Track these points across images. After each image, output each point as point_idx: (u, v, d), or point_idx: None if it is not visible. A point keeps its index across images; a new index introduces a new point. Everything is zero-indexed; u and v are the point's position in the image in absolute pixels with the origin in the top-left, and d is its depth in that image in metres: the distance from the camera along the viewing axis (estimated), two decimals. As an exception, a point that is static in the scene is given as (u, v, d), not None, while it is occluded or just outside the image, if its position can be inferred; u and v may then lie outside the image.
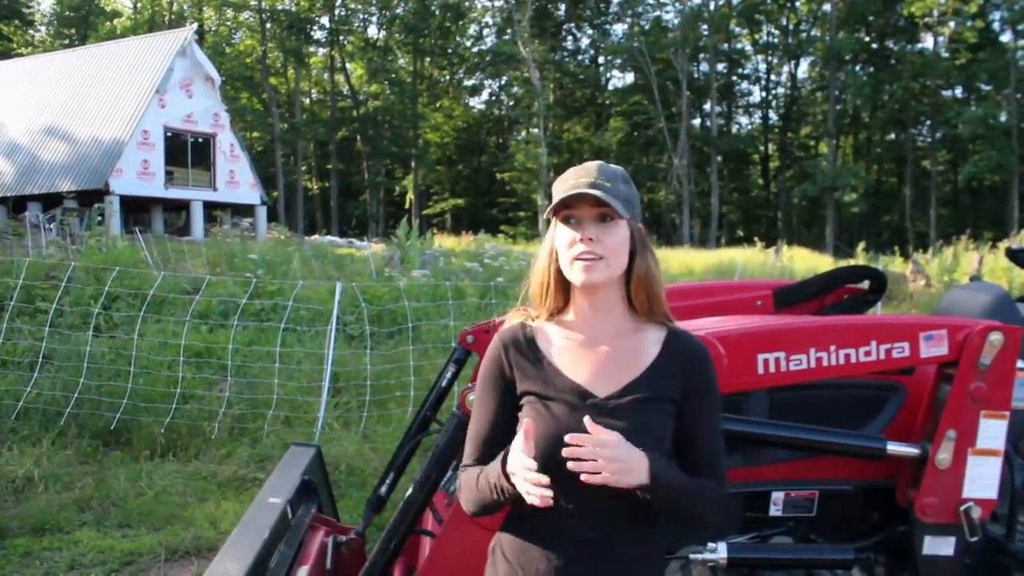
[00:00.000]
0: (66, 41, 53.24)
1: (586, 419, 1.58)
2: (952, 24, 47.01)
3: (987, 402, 2.42)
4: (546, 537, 1.72)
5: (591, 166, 1.77)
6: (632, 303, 1.78)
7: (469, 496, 1.80)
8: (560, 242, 1.75)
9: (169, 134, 28.26)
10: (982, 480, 2.44)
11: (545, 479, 1.56)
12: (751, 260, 23.09)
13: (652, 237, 1.83)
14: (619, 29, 59.03)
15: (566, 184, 1.74)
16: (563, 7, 59.36)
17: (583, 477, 1.56)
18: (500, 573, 1.80)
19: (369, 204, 57.89)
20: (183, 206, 29.32)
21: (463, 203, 58.95)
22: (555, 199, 1.74)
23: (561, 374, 1.76)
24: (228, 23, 57.39)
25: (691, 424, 1.76)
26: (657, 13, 56.34)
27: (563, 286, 1.80)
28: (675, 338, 1.80)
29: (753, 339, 2.45)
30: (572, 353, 1.79)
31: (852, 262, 22.72)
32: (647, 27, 55.10)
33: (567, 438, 1.57)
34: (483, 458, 1.81)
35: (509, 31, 54.75)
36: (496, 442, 1.80)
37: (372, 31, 59.78)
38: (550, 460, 1.68)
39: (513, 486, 1.64)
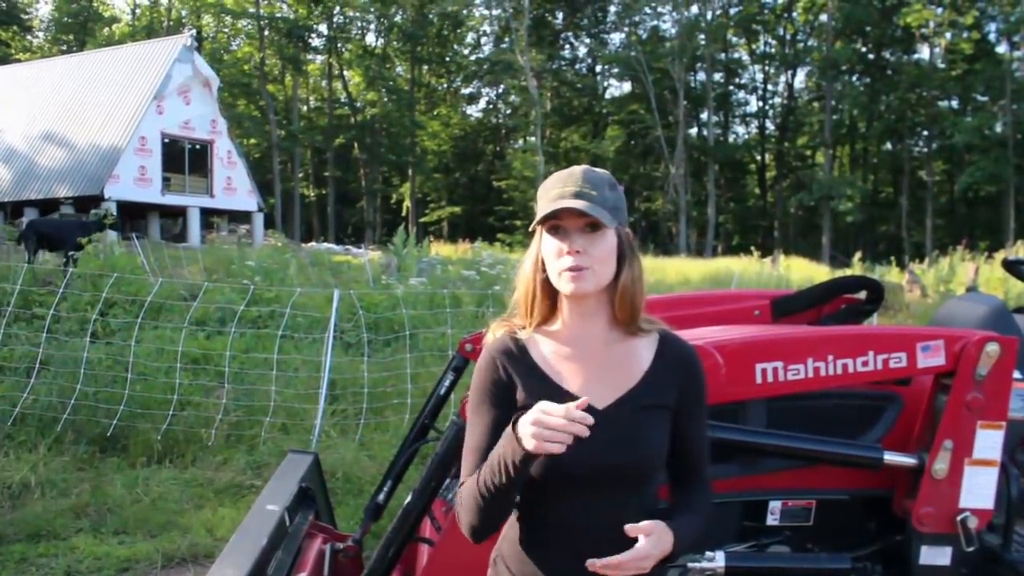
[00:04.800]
0: (64, 47, 53.26)
1: (628, 527, 1.57)
2: (948, 35, 47.23)
3: (984, 412, 2.43)
4: (546, 547, 1.70)
5: (576, 172, 1.72)
6: (615, 312, 1.75)
7: (469, 504, 1.66)
8: (547, 252, 1.72)
9: (166, 140, 28.28)
10: (978, 490, 2.45)
11: (576, 413, 1.46)
12: (747, 269, 23.11)
13: (649, 246, 1.82)
14: (616, 38, 59.28)
15: (551, 193, 1.70)
16: (560, 16, 59.54)
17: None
18: None
19: (366, 211, 57.93)
20: (180, 212, 29.32)
21: (460, 211, 58.97)
22: (540, 208, 1.71)
23: (557, 386, 1.73)
24: (226, 30, 57.48)
25: (684, 429, 1.77)
26: (655, 22, 56.62)
27: (550, 295, 1.76)
28: (667, 344, 1.79)
29: (751, 348, 2.46)
30: (566, 364, 1.76)
31: (848, 272, 22.77)
32: (644, 36, 55.25)
33: (592, 565, 1.57)
34: None
35: (507, 39, 54.86)
36: None
37: (370, 39, 59.98)
38: (549, 474, 1.67)
39: (525, 449, 1.50)
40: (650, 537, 1.57)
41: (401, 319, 8.50)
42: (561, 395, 1.70)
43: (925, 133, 51.46)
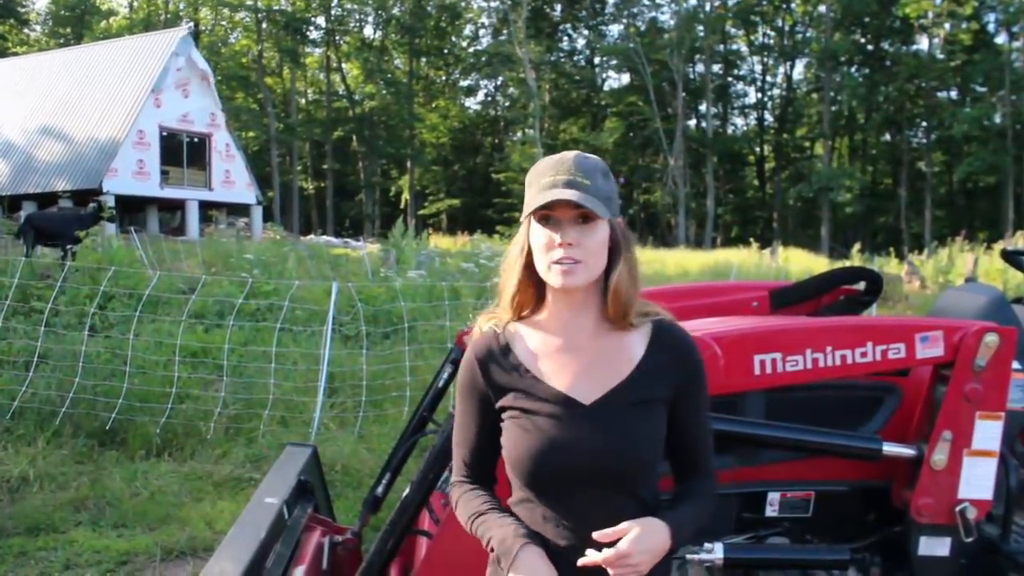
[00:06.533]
0: (61, 40, 53.11)
1: (595, 534, 1.57)
2: (947, 26, 47.18)
3: (982, 403, 2.43)
4: (545, 549, 1.65)
5: (568, 158, 1.65)
6: (607, 307, 1.69)
7: (466, 523, 1.76)
8: (536, 243, 1.65)
9: (165, 134, 28.24)
10: (977, 481, 2.45)
11: None
12: (747, 261, 23.10)
13: (647, 238, 1.80)
14: (615, 30, 59.17)
15: (543, 180, 1.63)
16: (559, 8, 59.41)
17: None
18: None
19: (365, 204, 57.87)
20: (178, 206, 29.29)
21: (459, 203, 58.92)
22: (531, 196, 1.65)
23: (543, 382, 1.69)
24: (224, 23, 57.35)
25: (682, 420, 1.72)
26: (653, 14, 56.51)
27: (537, 286, 1.71)
28: (661, 334, 1.72)
29: (750, 340, 2.45)
30: (552, 358, 1.70)
31: (847, 263, 22.75)
32: (643, 28, 55.17)
33: (583, 562, 1.57)
34: (473, 473, 1.80)
35: (505, 32, 54.79)
36: (483, 456, 1.79)
37: (368, 31, 59.85)
38: (538, 474, 1.66)
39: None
40: (631, 536, 1.54)
41: (400, 312, 8.50)
42: (546, 391, 1.69)
43: (924, 124, 51.40)
